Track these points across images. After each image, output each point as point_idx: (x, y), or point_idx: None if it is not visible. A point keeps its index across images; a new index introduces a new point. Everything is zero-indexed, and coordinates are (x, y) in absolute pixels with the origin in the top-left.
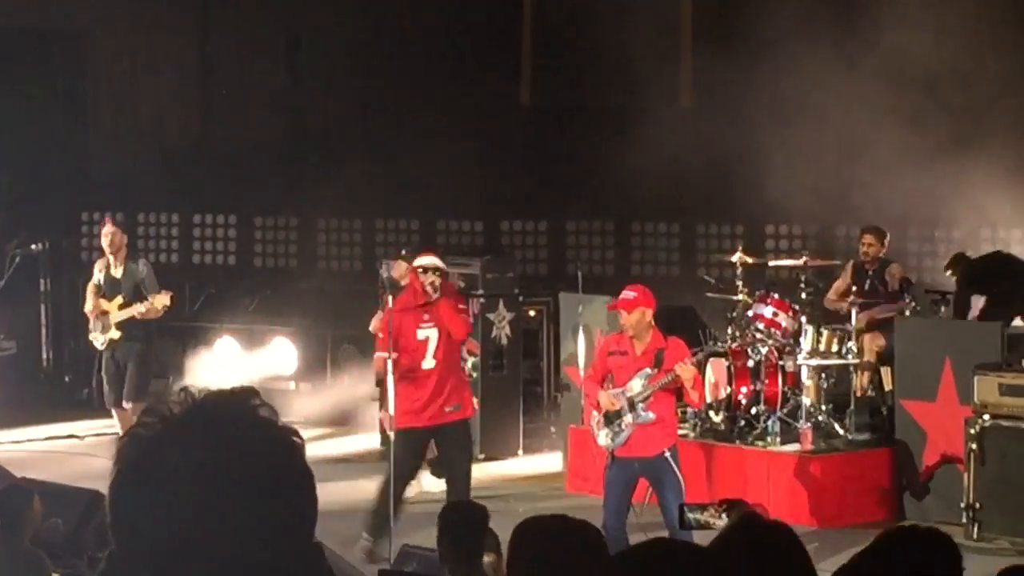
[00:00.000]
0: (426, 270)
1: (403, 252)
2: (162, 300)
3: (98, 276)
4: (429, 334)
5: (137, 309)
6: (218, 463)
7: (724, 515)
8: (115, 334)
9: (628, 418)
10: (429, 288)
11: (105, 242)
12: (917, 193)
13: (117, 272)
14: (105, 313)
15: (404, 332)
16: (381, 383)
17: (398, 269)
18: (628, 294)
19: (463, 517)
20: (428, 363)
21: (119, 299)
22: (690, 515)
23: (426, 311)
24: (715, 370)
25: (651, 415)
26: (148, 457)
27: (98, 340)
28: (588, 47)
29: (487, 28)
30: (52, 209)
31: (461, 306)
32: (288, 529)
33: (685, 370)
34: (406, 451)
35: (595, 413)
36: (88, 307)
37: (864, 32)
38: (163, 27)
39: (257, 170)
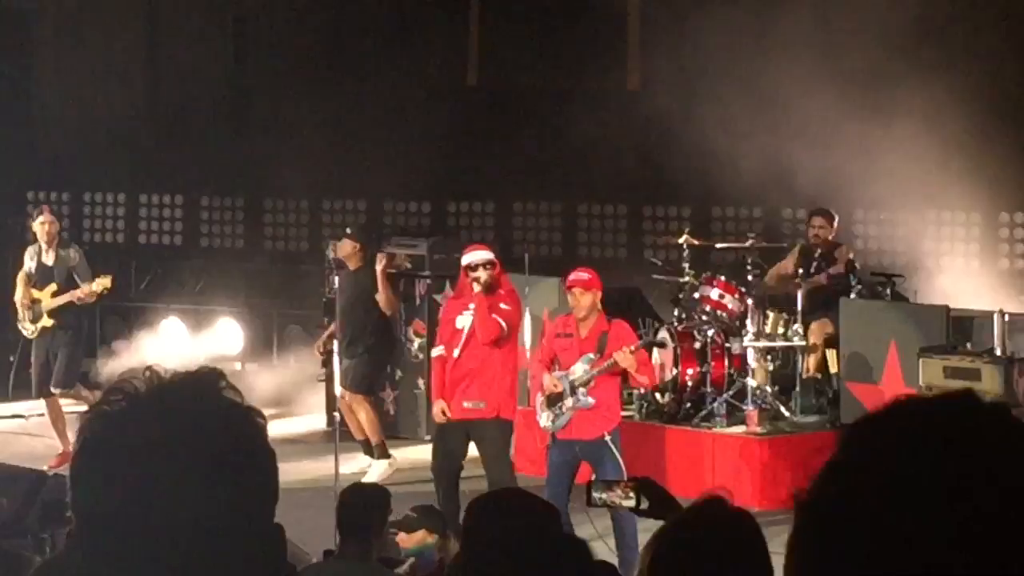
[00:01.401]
0: (472, 268)
1: (347, 231)
2: (103, 283)
3: (29, 264)
4: (464, 324)
5: (75, 294)
6: (182, 441)
7: (632, 494)
8: (48, 322)
9: (568, 402)
10: (475, 285)
11: (41, 231)
12: (863, 175)
13: (48, 259)
14: (37, 301)
15: (445, 320)
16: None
17: (343, 249)
18: (583, 275)
19: (361, 499)
20: (455, 353)
21: (52, 286)
22: (596, 494)
23: (471, 300)
24: (661, 352)
25: (591, 400)
26: (112, 433)
27: (27, 330)
28: (536, 29)
29: (435, 8)
30: None
31: (503, 305)
32: (251, 509)
33: (624, 358)
34: (436, 442)
35: (539, 395)
36: (18, 296)
37: (811, 14)
38: (109, 5)
39: (203, 149)
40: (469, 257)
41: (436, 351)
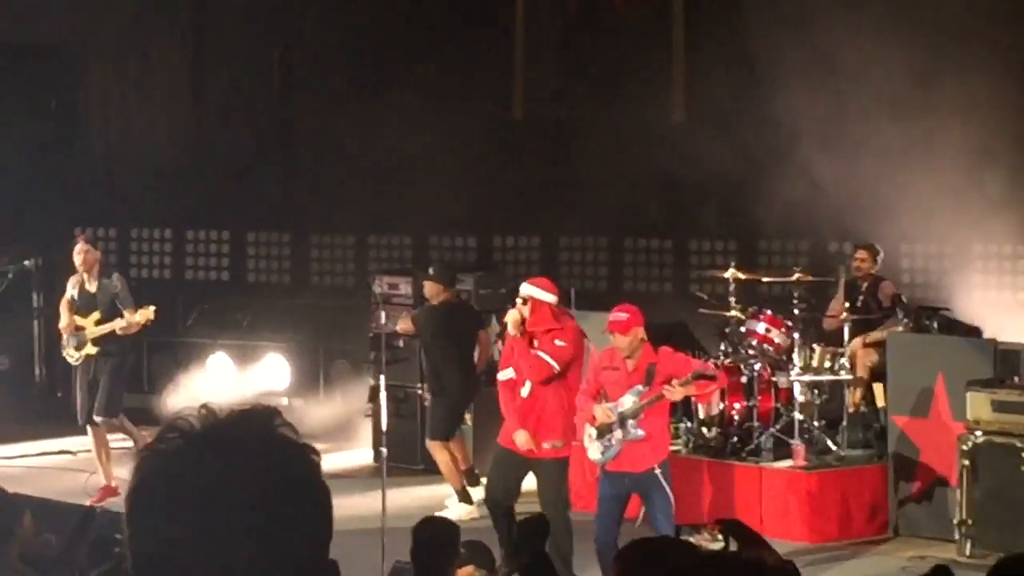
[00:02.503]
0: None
1: (430, 272)
2: (145, 314)
3: (71, 292)
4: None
5: (118, 324)
6: (238, 479)
7: (719, 537)
8: (91, 349)
9: (618, 434)
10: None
11: (78, 260)
12: (908, 208)
13: (91, 287)
14: (81, 329)
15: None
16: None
17: (428, 289)
18: (620, 315)
19: (433, 535)
20: (523, 391)
21: (96, 315)
22: (685, 537)
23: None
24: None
25: (640, 432)
26: (168, 471)
27: (72, 356)
28: (581, 62)
29: (480, 43)
30: (45, 224)
31: (558, 342)
32: (305, 546)
33: (674, 393)
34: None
35: (588, 427)
36: (63, 323)
37: (858, 46)
38: (155, 43)
39: (250, 185)
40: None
41: (504, 375)
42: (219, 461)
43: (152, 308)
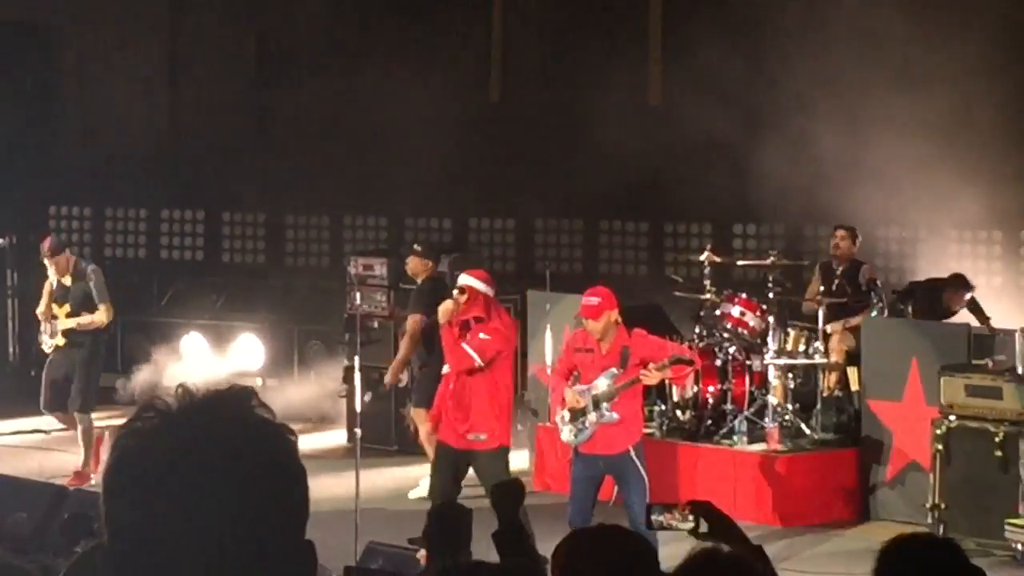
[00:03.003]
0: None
1: (416, 248)
2: (100, 317)
3: (53, 279)
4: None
5: (78, 321)
6: (214, 458)
7: (690, 517)
8: (60, 340)
9: (592, 416)
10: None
11: (48, 266)
12: (885, 193)
13: (66, 280)
14: (55, 317)
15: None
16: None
17: (412, 265)
18: (591, 300)
19: (451, 514)
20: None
21: (67, 307)
22: (655, 516)
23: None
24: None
25: (615, 415)
26: (145, 450)
27: (46, 343)
28: (557, 44)
29: (457, 24)
30: (19, 203)
31: (483, 335)
32: (282, 525)
33: (650, 377)
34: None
35: (560, 409)
36: (40, 309)
37: (833, 30)
38: (132, 23)
39: (225, 166)
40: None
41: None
42: (195, 441)
43: (104, 311)
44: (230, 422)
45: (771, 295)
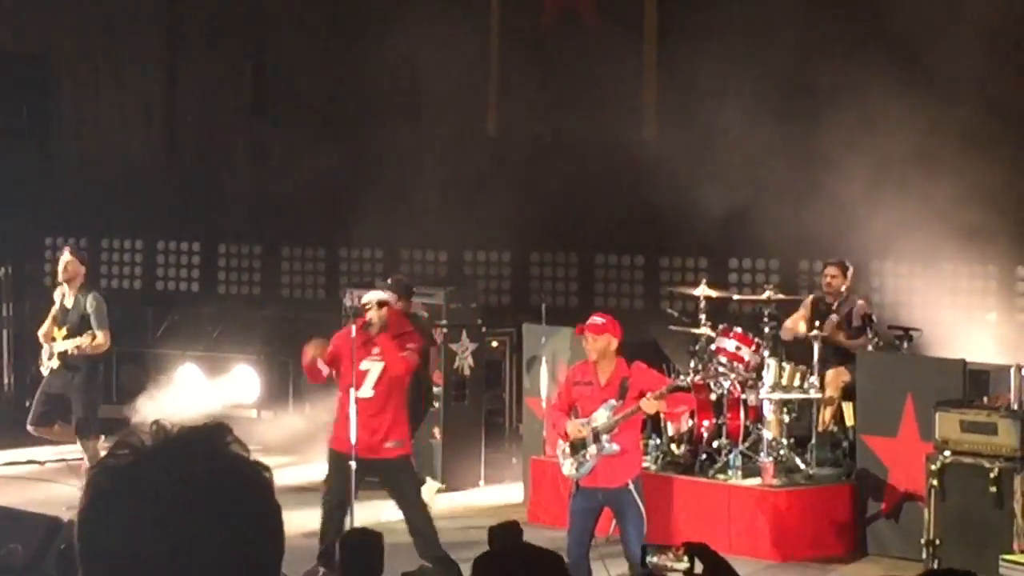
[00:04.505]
0: (366, 308)
1: (388, 281)
2: (98, 340)
3: (58, 301)
4: (371, 367)
5: (70, 344)
6: (188, 496)
7: (685, 559)
8: (55, 363)
9: (592, 449)
10: (367, 325)
11: (60, 269)
12: (880, 228)
13: (68, 302)
14: (54, 340)
15: (344, 358)
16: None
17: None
18: (597, 320)
19: (361, 542)
20: (365, 392)
21: (64, 331)
22: (650, 558)
23: (374, 344)
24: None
25: (615, 447)
26: (119, 487)
27: (44, 366)
28: (554, 79)
29: (454, 58)
30: (15, 233)
31: (410, 345)
32: (254, 563)
33: (650, 406)
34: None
35: (561, 442)
36: (42, 331)
37: (827, 67)
38: (128, 54)
39: (221, 196)
40: (366, 296)
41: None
42: (169, 478)
43: (105, 337)
44: (204, 460)
45: (766, 329)
